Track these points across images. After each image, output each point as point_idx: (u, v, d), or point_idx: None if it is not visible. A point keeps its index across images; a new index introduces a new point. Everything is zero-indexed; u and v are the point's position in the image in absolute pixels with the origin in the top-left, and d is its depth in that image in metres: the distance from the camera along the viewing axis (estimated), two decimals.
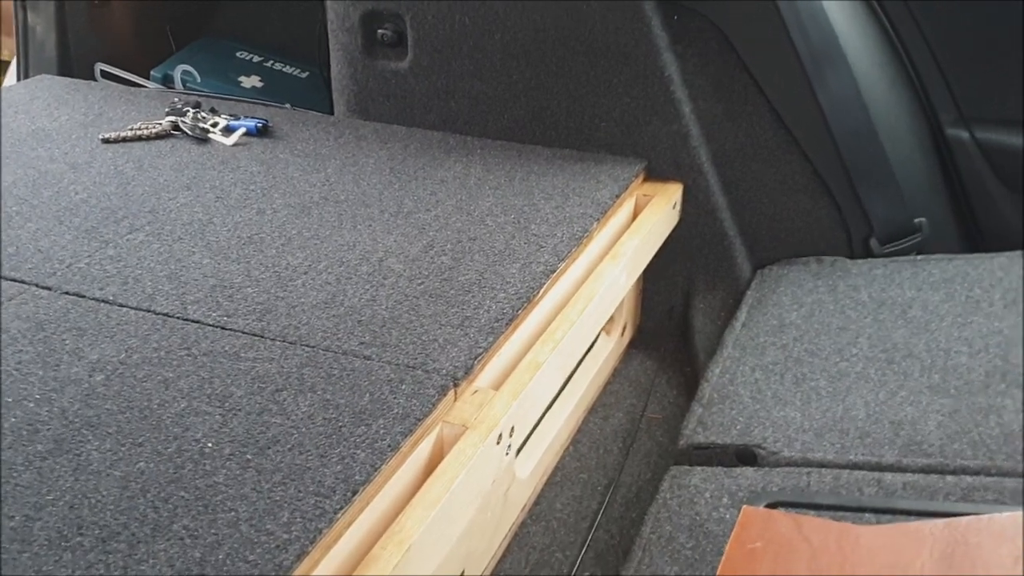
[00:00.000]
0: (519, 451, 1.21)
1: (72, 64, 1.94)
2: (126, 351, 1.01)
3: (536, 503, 1.22)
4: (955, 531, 0.78)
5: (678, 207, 1.50)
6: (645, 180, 1.51)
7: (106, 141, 1.55)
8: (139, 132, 1.57)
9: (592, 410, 1.41)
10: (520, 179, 1.43)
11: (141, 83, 1.91)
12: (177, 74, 1.88)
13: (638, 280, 1.57)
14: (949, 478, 0.96)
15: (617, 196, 1.38)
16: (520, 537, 1.17)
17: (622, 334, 1.53)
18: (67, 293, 1.12)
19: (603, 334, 1.50)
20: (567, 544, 1.18)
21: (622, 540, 1.17)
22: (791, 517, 0.83)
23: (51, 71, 1.96)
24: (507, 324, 1.08)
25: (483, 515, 1.06)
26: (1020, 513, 0.79)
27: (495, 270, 1.18)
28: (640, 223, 1.39)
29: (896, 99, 1.53)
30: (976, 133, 1.50)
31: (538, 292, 1.15)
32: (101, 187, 1.39)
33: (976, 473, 0.97)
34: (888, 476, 0.99)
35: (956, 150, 1.51)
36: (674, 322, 1.59)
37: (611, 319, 1.51)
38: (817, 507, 0.94)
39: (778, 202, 1.52)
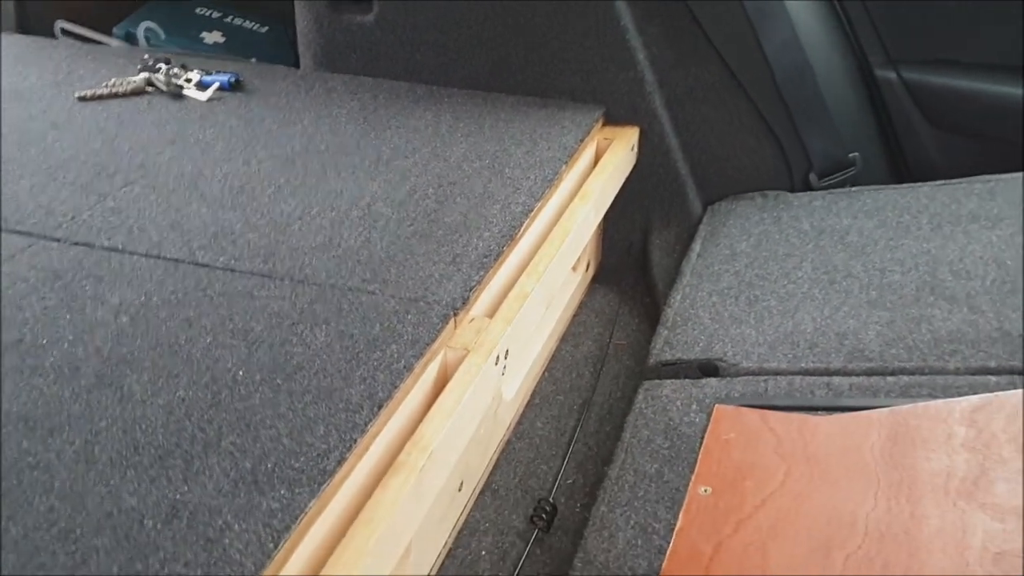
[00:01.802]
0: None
1: (29, 22, 1.96)
2: (145, 295, 1.09)
3: (519, 423, 1.34)
4: (897, 416, 0.92)
5: (635, 149, 1.61)
6: (605, 125, 1.61)
7: (83, 99, 1.60)
8: (115, 89, 1.62)
9: (563, 339, 1.53)
10: (490, 126, 1.52)
11: (104, 41, 1.94)
12: (140, 31, 1.92)
13: (600, 221, 1.68)
14: (889, 379, 1.10)
15: (581, 140, 1.49)
16: (508, 453, 1.29)
17: (587, 270, 1.65)
18: (76, 244, 1.18)
19: (570, 270, 1.62)
20: (550, 457, 1.30)
21: (599, 450, 1.30)
22: (758, 412, 0.96)
23: (10, 30, 1.98)
24: (495, 259, 1.18)
25: (478, 432, 1.17)
26: (950, 401, 0.93)
27: (478, 211, 1.28)
28: (603, 165, 1.50)
29: (830, 42, 1.66)
30: (902, 73, 1.64)
31: (519, 230, 1.25)
32: (87, 144, 1.45)
33: (912, 373, 1.10)
34: (836, 380, 1.12)
35: (885, 90, 1.65)
36: (633, 258, 1.71)
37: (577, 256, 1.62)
38: (775, 408, 1.08)
39: (726, 142, 1.64)
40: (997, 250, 1.29)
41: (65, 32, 1.94)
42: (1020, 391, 0.92)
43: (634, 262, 1.70)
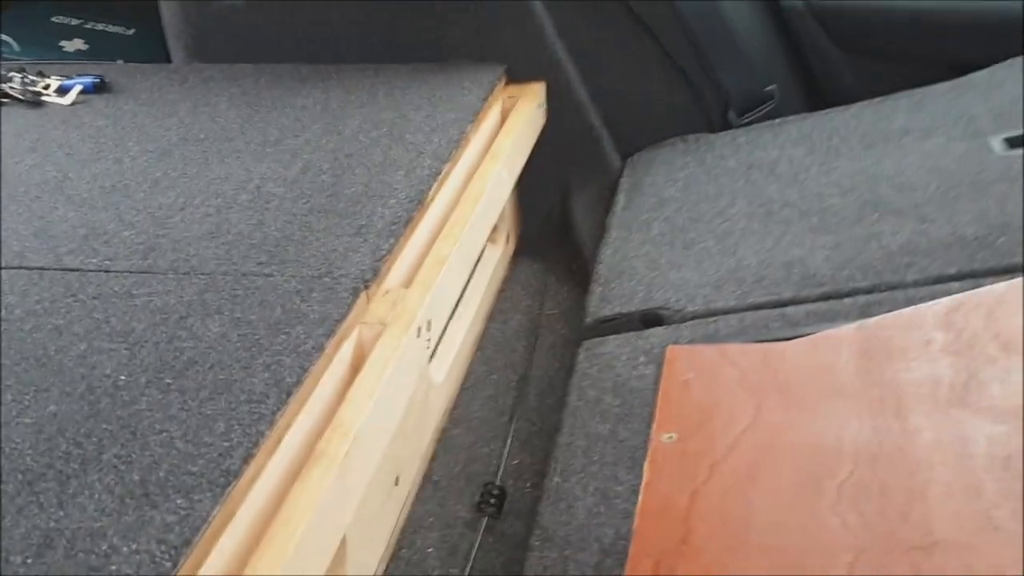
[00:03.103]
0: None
1: None
2: (6, 308, 0.94)
3: (454, 408, 1.22)
4: (867, 331, 0.83)
5: (543, 106, 1.51)
6: (508, 83, 1.51)
7: None
8: None
9: (491, 317, 1.42)
10: (384, 95, 1.40)
11: None
12: None
13: (513, 188, 1.58)
14: (846, 300, 1.02)
15: (484, 99, 1.38)
16: (444, 441, 1.17)
17: (507, 242, 1.54)
18: None
19: (489, 243, 1.50)
20: (490, 439, 1.18)
21: (544, 425, 1.19)
22: (715, 347, 0.86)
23: None
24: (404, 226, 1.06)
25: (407, 421, 1.05)
26: (920, 307, 0.84)
27: (380, 180, 1.16)
28: (511, 123, 1.40)
29: None
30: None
31: (427, 194, 1.14)
32: None
33: (869, 292, 1.02)
34: (790, 309, 1.03)
35: (793, 18, 1.58)
36: (554, 224, 1.61)
37: (495, 228, 1.51)
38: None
39: (637, 89, 1.55)
40: (936, 159, 1.22)
41: None
42: (994, 286, 0.84)
43: (556, 228, 1.60)
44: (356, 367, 0.91)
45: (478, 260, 1.45)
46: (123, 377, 0.82)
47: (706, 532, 0.65)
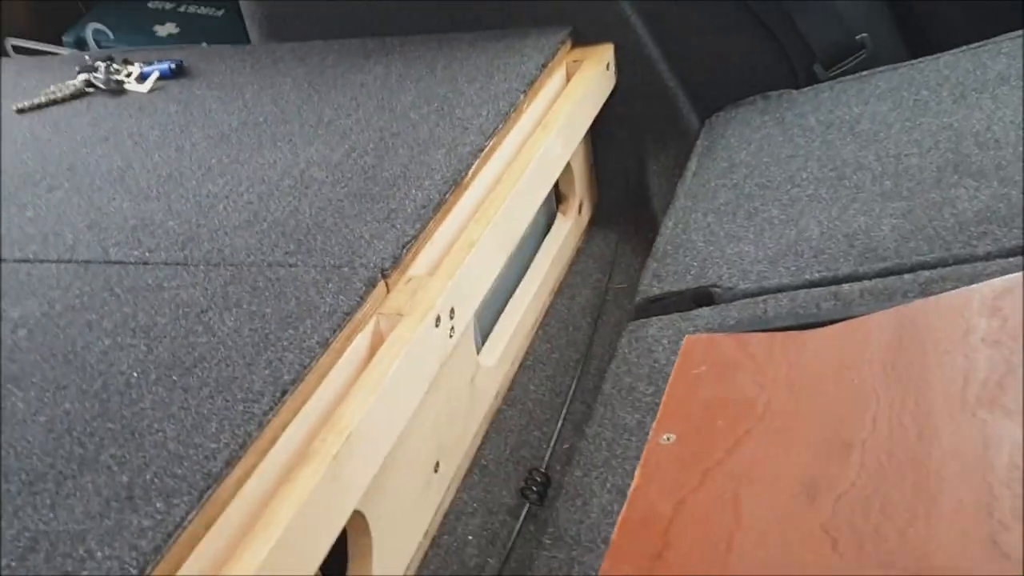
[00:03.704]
0: (484, 341, 1.18)
1: None
2: (48, 303, 0.98)
3: (510, 389, 1.20)
4: (903, 317, 0.75)
5: (612, 68, 1.44)
6: (574, 47, 1.45)
7: (20, 111, 1.51)
8: (52, 96, 1.52)
9: (558, 292, 1.38)
10: (442, 68, 1.37)
11: (55, 51, 1.85)
12: (89, 34, 1.82)
13: (589, 157, 1.52)
14: (907, 277, 0.92)
15: (543, 66, 1.33)
16: (497, 423, 1.15)
17: (579, 213, 1.49)
18: None
19: (559, 215, 1.46)
20: (544, 422, 1.15)
21: None
22: (735, 338, 0.79)
23: None
24: (435, 210, 1.03)
25: (449, 405, 1.03)
26: (969, 288, 0.75)
27: (420, 160, 1.13)
28: (571, 88, 1.34)
29: None
30: None
31: (466, 174, 1.10)
32: (17, 156, 1.35)
33: (934, 267, 0.92)
34: (845, 287, 0.95)
35: None
36: (632, 191, 1.55)
37: (565, 199, 1.47)
38: (775, 330, 0.91)
39: (715, 45, 1.46)
40: None
41: (17, 49, 1.85)
42: None
43: (634, 196, 1.54)
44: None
45: (546, 233, 1.41)
46: (135, 374, 0.84)
47: (684, 548, 0.60)
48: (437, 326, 0.92)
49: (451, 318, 0.95)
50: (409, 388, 0.87)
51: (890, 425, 0.65)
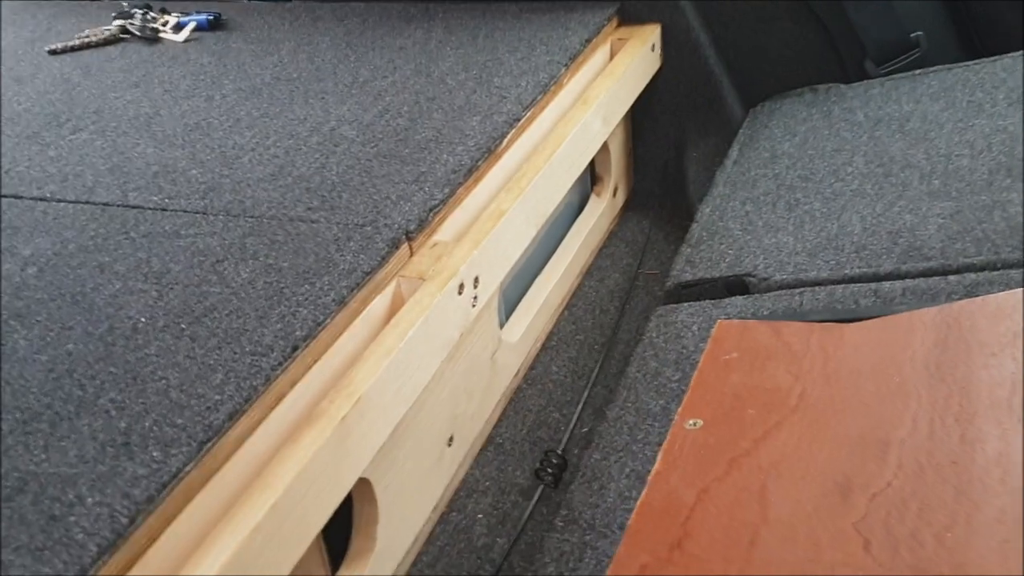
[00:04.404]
0: (508, 317, 1.15)
1: None
2: (61, 243, 0.95)
3: (531, 367, 1.16)
4: (948, 316, 0.70)
5: (657, 49, 1.40)
6: (620, 25, 1.41)
7: (53, 52, 1.48)
8: (87, 40, 1.50)
9: (587, 273, 1.34)
10: (484, 36, 1.34)
11: None
12: None
13: (627, 139, 1.48)
14: (951, 278, 0.88)
15: (587, 41, 1.29)
16: (515, 401, 1.11)
17: (614, 195, 1.45)
18: (4, 196, 1.06)
19: (593, 196, 1.42)
20: (564, 403, 1.12)
21: None
22: (769, 325, 0.75)
23: None
24: (465, 175, 1.00)
25: (468, 380, 1.00)
26: (1018, 291, 0.71)
27: (454, 126, 1.10)
28: (614, 66, 1.30)
29: None
30: None
31: (501, 143, 1.07)
32: (45, 96, 1.33)
33: (980, 269, 0.88)
34: (886, 285, 0.90)
35: None
36: (669, 177, 1.50)
37: (600, 180, 1.43)
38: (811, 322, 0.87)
39: (764, 33, 1.41)
40: None
41: None
42: None
43: (671, 182, 1.50)
44: None
45: (579, 214, 1.37)
46: (143, 320, 0.81)
47: (705, 538, 0.57)
48: (460, 294, 0.89)
49: (475, 287, 0.92)
50: (426, 355, 0.84)
51: (931, 426, 0.61)
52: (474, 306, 0.93)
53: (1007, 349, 0.65)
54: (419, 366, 0.83)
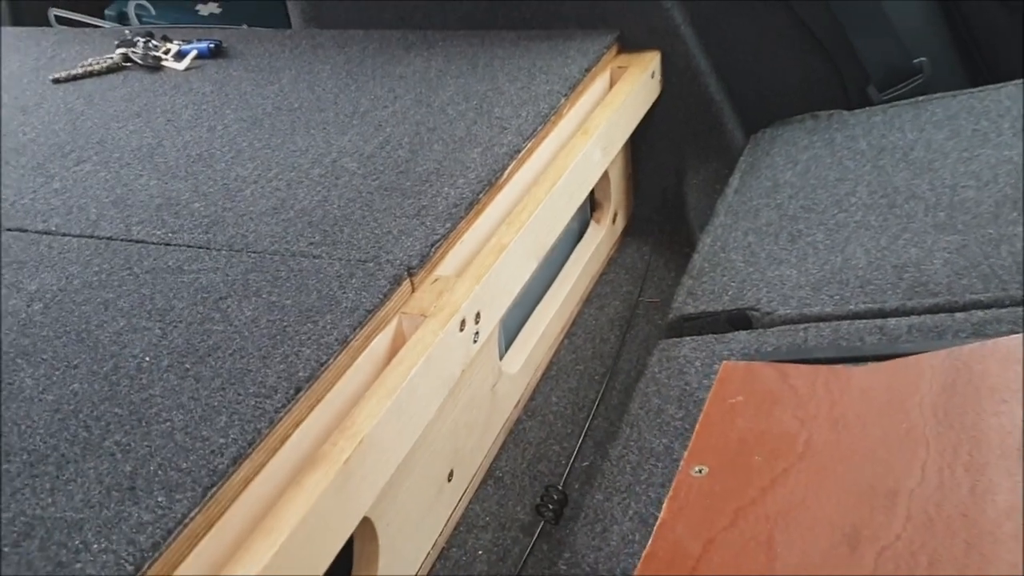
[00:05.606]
0: (507, 347, 1.15)
1: (23, 12, 1.87)
2: (66, 278, 0.95)
3: (531, 398, 1.16)
4: (957, 360, 0.70)
5: (657, 76, 1.40)
6: (620, 52, 1.41)
7: (56, 81, 1.49)
8: (90, 68, 1.50)
9: (587, 301, 1.34)
10: (484, 65, 1.34)
11: (97, 23, 1.83)
12: (131, 9, 1.81)
13: (627, 165, 1.48)
14: (958, 315, 0.88)
15: (587, 70, 1.29)
16: (515, 434, 1.11)
17: (613, 222, 1.45)
18: (9, 230, 1.06)
19: (592, 223, 1.42)
20: (564, 436, 1.11)
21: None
22: (775, 367, 0.75)
23: (3, 22, 1.89)
24: (467, 209, 1.00)
25: (469, 413, 1.00)
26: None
27: (455, 157, 1.10)
28: (614, 95, 1.30)
29: None
30: None
31: (501, 175, 1.07)
32: (50, 125, 1.33)
33: (988, 307, 0.88)
34: (891, 321, 0.90)
35: None
36: (669, 204, 1.51)
37: (600, 206, 1.43)
38: (815, 362, 0.87)
39: (765, 59, 1.41)
40: None
41: (59, 20, 1.84)
42: None
43: (670, 209, 1.50)
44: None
45: (578, 240, 1.37)
46: (148, 359, 0.81)
47: None
48: (462, 330, 0.89)
49: (476, 322, 0.92)
50: (428, 394, 0.84)
51: (940, 476, 0.61)
52: (475, 342, 0.92)
53: (1017, 395, 0.64)
54: (421, 405, 0.83)
